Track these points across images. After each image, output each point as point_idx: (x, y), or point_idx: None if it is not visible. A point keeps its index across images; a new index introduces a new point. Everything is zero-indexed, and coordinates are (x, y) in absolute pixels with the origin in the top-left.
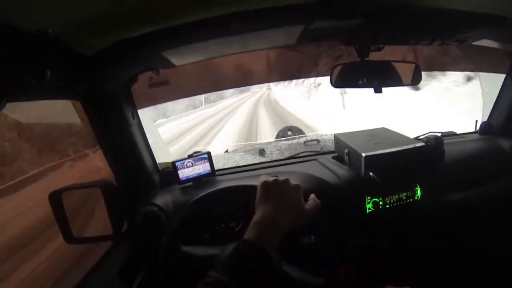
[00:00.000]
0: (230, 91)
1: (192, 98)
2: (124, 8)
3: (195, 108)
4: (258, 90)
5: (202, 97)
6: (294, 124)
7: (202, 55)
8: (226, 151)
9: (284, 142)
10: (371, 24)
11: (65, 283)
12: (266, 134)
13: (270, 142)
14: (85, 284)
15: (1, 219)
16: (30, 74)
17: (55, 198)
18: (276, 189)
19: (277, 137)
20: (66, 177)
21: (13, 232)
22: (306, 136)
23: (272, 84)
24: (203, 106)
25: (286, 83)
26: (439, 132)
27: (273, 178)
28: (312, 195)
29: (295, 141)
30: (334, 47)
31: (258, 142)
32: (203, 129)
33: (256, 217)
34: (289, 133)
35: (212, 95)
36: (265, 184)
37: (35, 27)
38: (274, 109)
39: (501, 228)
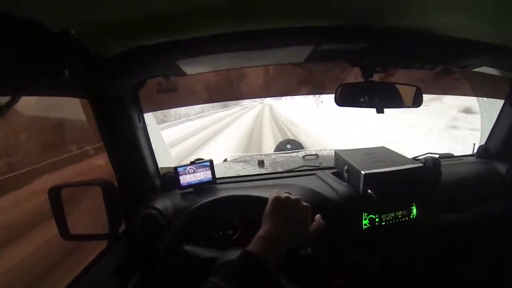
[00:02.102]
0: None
1: None
2: (146, 17)
3: None
4: (251, 105)
5: None
6: None
7: (213, 67)
8: (225, 160)
9: (283, 155)
10: (376, 48)
11: None
12: None
13: (269, 154)
14: (80, 281)
15: None
16: (49, 71)
17: (54, 193)
18: (286, 207)
19: (276, 149)
20: None
21: None
22: (305, 150)
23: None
24: None
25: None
26: (437, 154)
27: (285, 195)
28: (318, 216)
29: (294, 154)
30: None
31: (257, 153)
32: None
33: (262, 231)
34: (288, 146)
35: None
36: (276, 200)
37: (59, 27)
38: None
39: (493, 249)
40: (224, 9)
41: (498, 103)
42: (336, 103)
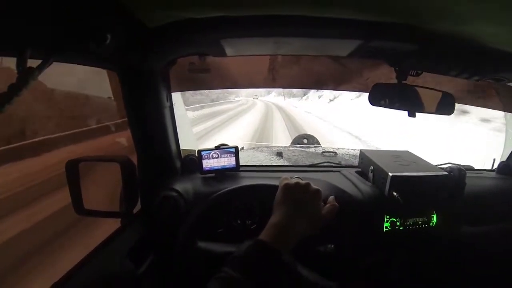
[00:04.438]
0: None
1: None
2: None
3: None
4: (239, 103)
5: None
6: None
7: (256, 50)
8: (242, 148)
9: (300, 148)
10: (420, 50)
11: None
12: None
13: (286, 147)
14: (94, 259)
15: None
16: (91, 35)
17: (72, 166)
18: (296, 193)
19: (292, 143)
20: None
21: None
22: (322, 146)
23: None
24: None
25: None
26: (458, 164)
27: (295, 181)
28: (331, 198)
29: (311, 149)
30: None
31: (273, 144)
32: None
33: (273, 219)
34: (305, 141)
35: None
36: (286, 186)
37: None
38: None
39: (510, 264)
40: None
41: None
42: (370, 103)
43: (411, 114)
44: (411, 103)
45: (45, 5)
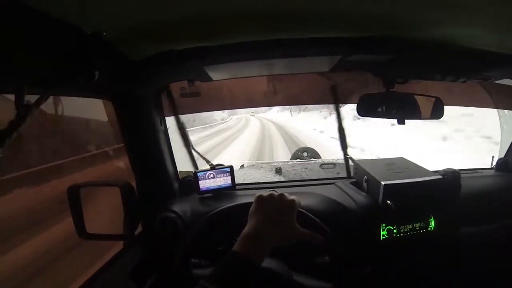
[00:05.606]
0: None
1: None
2: (178, 22)
3: None
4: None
5: None
6: None
7: (240, 73)
8: (242, 166)
9: (299, 163)
10: (401, 59)
11: None
12: None
13: (286, 162)
14: (97, 281)
15: None
16: (80, 72)
17: (73, 191)
18: (269, 203)
19: (292, 157)
20: None
21: None
22: (322, 159)
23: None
24: None
25: None
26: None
27: (268, 193)
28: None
29: (311, 163)
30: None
31: (273, 161)
32: None
33: (245, 229)
34: (305, 154)
35: None
36: (260, 198)
37: (92, 29)
38: None
39: None
40: (254, 18)
41: None
42: (358, 113)
43: (401, 122)
44: (400, 111)
45: (38, 47)
